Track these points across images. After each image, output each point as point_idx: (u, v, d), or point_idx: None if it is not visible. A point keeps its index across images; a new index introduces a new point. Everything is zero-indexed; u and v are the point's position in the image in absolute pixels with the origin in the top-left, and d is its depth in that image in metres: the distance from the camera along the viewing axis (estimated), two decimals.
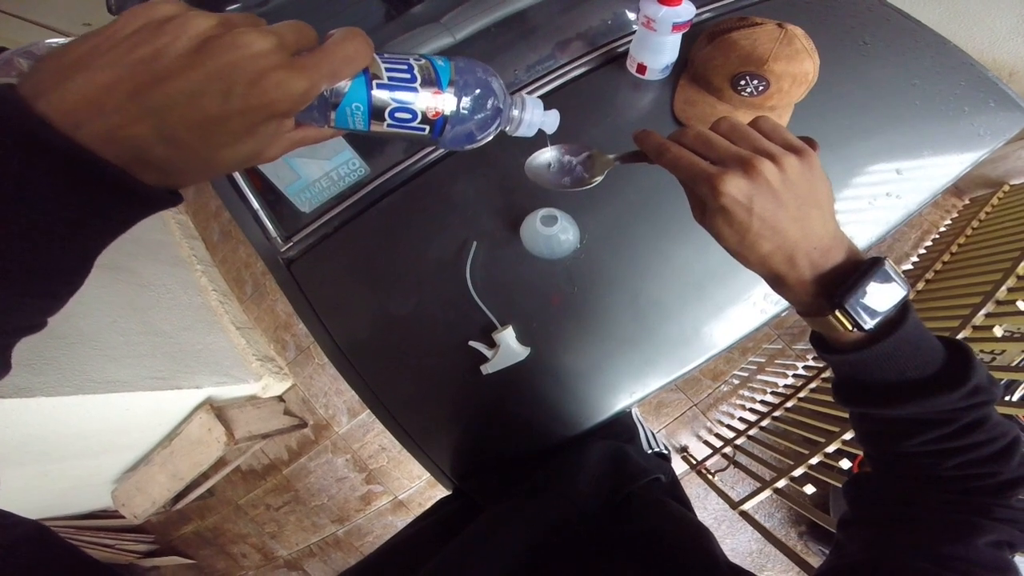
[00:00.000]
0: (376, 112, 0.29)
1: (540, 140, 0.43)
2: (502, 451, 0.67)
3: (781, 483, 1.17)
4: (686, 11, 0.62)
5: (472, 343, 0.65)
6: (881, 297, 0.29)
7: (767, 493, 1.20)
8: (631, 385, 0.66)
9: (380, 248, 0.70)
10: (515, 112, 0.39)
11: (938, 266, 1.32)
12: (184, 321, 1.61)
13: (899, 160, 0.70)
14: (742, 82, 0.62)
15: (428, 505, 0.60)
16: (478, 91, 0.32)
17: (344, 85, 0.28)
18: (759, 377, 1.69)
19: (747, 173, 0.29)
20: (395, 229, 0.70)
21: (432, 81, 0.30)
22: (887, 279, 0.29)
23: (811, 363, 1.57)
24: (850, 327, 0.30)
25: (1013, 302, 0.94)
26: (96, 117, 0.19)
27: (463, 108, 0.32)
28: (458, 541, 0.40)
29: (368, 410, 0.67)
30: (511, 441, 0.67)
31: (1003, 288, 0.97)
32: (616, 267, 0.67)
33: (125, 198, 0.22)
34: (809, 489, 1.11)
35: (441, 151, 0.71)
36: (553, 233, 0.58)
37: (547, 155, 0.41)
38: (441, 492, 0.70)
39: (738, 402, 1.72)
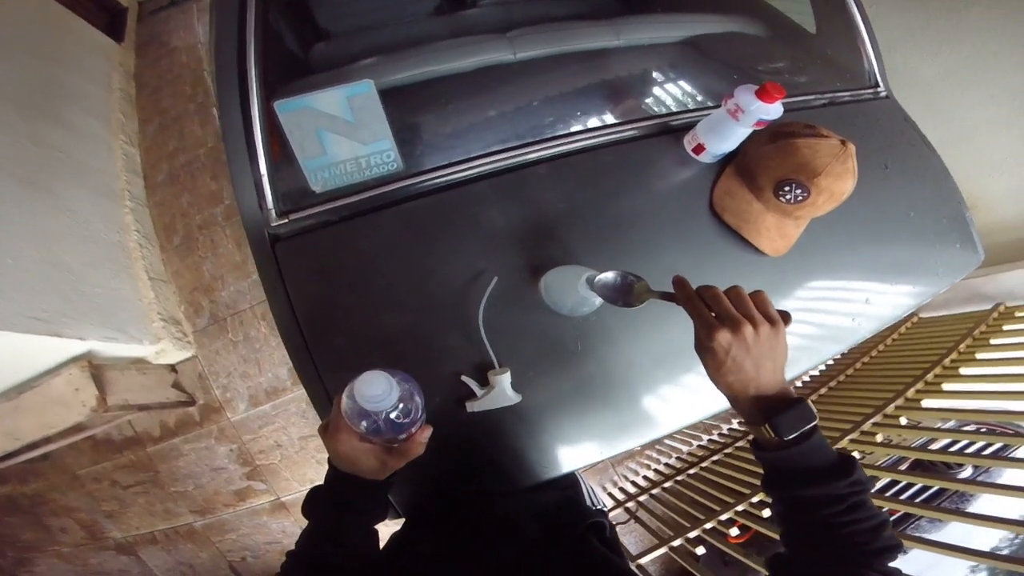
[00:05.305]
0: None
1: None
2: (456, 484, 0.65)
3: (677, 542, 1.25)
4: (776, 111, 0.62)
5: (465, 378, 0.62)
6: (798, 420, 0.44)
7: (663, 550, 1.28)
8: (601, 446, 0.68)
9: (386, 252, 0.66)
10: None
11: (842, 377, 1.53)
12: (92, 256, 1.36)
13: (874, 281, 0.74)
14: (786, 187, 0.63)
15: None
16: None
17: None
18: (667, 441, 1.81)
19: (732, 330, 0.44)
20: (409, 237, 0.66)
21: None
22: (804, 411, 0.44)
23: (715, 438, 1.72)
24: (774, 436, 0.44)
25: (897, 417, 1.13)
26: (346, 464, 0.50)
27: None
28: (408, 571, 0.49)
29: (271, 403, 0.64)
30: (469, 478, 0.65)
31: (892, 405, 1.15)
32: (621, 336, 0.68)
33: (361, 486, 0.50)
34: (700, 550, 1.20)
35: (479, 168, 0.69)
36: (589, 296, 0.57)
37: (605, 275, 0.54)
38: None
39: (644, 461, 1.82)
